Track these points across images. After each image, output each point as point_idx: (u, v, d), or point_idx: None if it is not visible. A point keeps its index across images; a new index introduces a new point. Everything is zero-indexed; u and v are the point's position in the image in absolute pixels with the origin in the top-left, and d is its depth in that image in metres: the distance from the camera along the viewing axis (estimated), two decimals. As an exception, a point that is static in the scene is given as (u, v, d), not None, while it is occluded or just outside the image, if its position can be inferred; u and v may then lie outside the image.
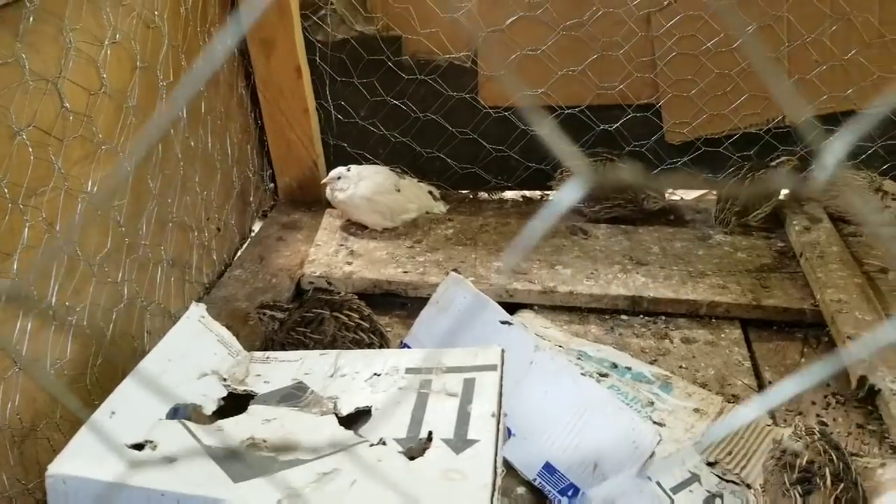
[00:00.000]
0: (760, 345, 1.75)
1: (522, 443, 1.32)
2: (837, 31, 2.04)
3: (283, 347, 1.43)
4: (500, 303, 1.78)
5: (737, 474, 1.36)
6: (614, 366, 1.62)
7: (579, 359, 1.62)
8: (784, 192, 2.22)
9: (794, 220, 2.08)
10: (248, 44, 2.03)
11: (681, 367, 1.66)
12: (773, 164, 2.13)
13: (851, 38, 2.05)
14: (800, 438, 1.31)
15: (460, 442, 0.93)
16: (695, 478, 1.32)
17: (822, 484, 1.22)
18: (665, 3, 2.02)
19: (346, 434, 0.95)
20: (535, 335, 1.44)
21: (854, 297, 1.74)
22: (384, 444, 0.93)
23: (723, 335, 1.76)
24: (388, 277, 1.82)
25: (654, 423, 1.45)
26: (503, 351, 1.12)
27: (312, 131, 2.14)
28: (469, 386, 1.03)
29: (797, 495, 1.21)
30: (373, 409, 0.99)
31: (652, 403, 1.52)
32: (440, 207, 2.11)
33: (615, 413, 1.30)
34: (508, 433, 1.33)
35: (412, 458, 0.91)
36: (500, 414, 0.98)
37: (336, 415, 0.98)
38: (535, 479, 1.29)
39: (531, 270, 1.88)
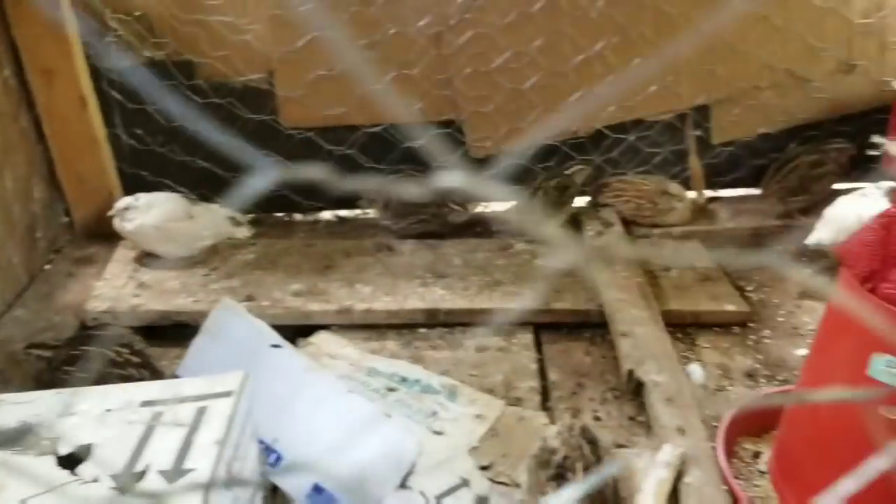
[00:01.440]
0: (550, 347, 1.84)
1: (291, 466, 1.34)
2: (617, 44, 2.17)
3: (50, 387, 1.40)
4: (296, 325, 1.82)
5: (508, 475, 1.43)
6: (404, 379, 1.66)
7: (369, 375, 1.66)
8: (583, 199, 2.35)
9: (589, 226, 2.21)
10: (28, 73, 1.97)
11: (471, 374, 1.72)
12: (569, 172, 2.25)
13: (631, 51, 2.19)
14: (560, 435, 1.40)
15: (176, 472, 0.94)
16: (464, 483, 1.38)
17: (573, 478, 1.31)
18: (451, 21, 2.10)
19: (59, 474, 0.94)
20: (304, 357, 1.47)
21: (632, 295, 1.86)
22: (97, 481, 0.93)
23: (515, 341, 1.84)
24: (178, 308, 1.81)
25: (435, 432, 1.51)
26: (246, 376, 1.13)
27: (105, 162, 2.10)
28: (200, 415, 1.05)
29: (551, 491, 1.29)
30: (94, 447, 0.99)
31: (435, 413, 1.57)
32: (243, 232, 2.11)
33: (379, 427, 1.34)
34: (278, 457, 1.35)
35: (123, 493, 0.92)
36: (225, 440, 1.00)
37: (55, 454, 0.98)
38: (304, 502, 1.31)
39: (329, 290, 1.91)
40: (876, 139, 1.25)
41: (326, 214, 2.43)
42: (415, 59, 2.14)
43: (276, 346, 1.44)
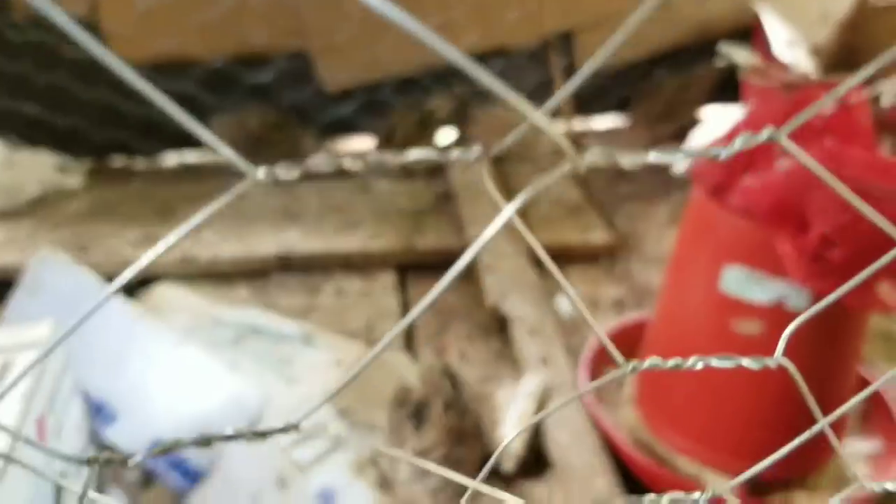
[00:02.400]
0: (414, 288, 1.82)
1: (127, 423, 1.27)
2: (475, -33, 2.14)
3: None
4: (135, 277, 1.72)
5: (368, 418, 1.41)
6: (254, 328, 1.61)
7: (215, 326, 1.59)
8: (450, 135, 2.33)
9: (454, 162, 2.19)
10: None
11: (330, 320, 1.69)
12: (431, 106, 2.22)
13: (489, -25, 2.17)
14: (419, 373, 1.38)
15: (-30, 430, 0.87)
16: (318, 428, 1.34)
17: (432, 414, 1.30)
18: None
19: None
20: (135, 307, 1.39)
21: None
22: None
23: (376, 283, 1.81)
24: (1, 263, 1.69)
25: (289, 380, 1.46)
26: (56, 325, 1.06)
27: None
28: (5, 369, 0.97)
29: (411, 428, 1.27)
30: None
31: (290, 361, 1.52)
32: (73, 181, 1.98)
33: (219, 379, 1.29)
34: (113, 415, 1.28)
35: None
36: (33, 393, 0.93)
37: None
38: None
39: (169, 238, 1.82)
40: (723, 49, 1.27)
41: (170, 160, 2.31)
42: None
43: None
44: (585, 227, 1.98)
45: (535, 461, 1.28)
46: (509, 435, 1.31)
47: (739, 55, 1.28)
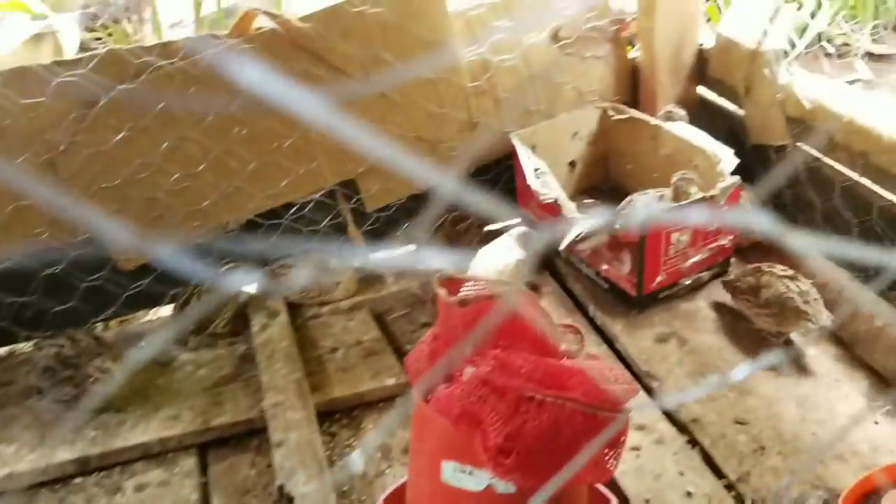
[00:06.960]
0: (216, 467, 1.89)
1: None
2: (246, 136, 2.27)
3: None
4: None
5: None
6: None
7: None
8: (250, 290, 2.42)
9: (255, 320, 2.29)
10: None
11: (129, 520, 1.75)
12: (224, 269, 2.32)
13: (263, 143, 2.30)
14: None
15: None
16: None
17: None
18: (61, 147, 2.09)
19: None
20: None
21: (289, 396, 1.95)
22: None
23: (177, 469, 1.87)
24: None
25: None
26: None
27: None
28: None
29: None
30: None
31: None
32: None
33: None
34: None
35: None
36: None
37: None
38: None
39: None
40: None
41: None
42: (29, 189, 2.10)
43: None
44: (380, 371, 2.11)
45: None
46: None
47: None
